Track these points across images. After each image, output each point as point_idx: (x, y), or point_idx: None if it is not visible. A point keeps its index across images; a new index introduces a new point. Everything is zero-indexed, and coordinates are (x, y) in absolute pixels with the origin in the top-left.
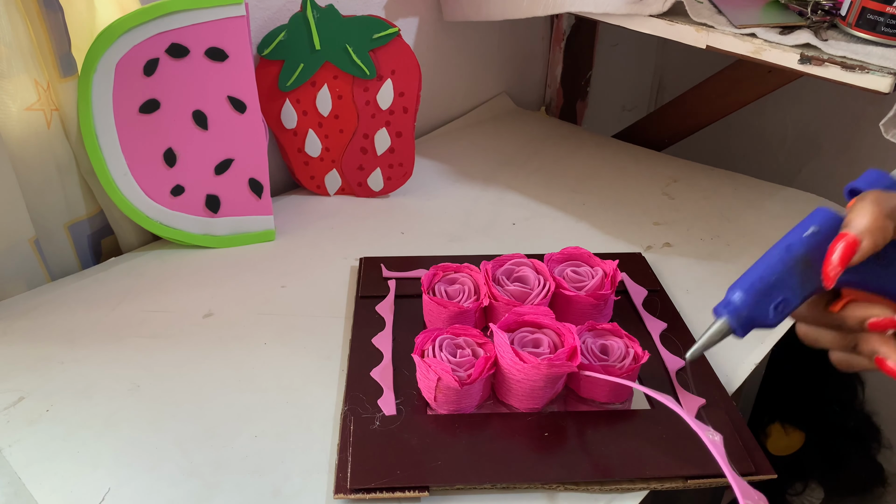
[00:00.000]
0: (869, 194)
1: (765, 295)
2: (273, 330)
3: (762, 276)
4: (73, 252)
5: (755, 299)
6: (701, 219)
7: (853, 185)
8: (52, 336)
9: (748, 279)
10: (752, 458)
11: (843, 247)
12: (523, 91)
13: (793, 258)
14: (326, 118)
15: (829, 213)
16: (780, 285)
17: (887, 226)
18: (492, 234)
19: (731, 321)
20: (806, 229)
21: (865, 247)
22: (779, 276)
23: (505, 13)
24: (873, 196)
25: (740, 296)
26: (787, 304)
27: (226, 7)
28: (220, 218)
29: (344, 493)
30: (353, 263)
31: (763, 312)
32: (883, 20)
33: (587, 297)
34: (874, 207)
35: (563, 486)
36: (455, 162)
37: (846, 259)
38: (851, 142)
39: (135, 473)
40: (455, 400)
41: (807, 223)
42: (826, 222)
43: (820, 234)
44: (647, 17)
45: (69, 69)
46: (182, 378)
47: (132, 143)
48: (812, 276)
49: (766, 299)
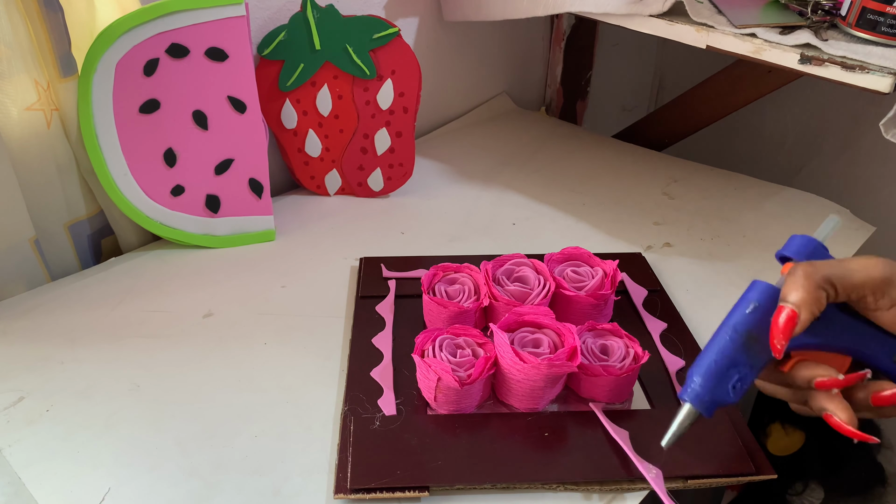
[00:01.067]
0: (799, 267)
1: (721, 377)
2: (273, 330)
3: (716, 360)
4: (73, 252)
5: (713, 383)
6: (701, 219)
7: (781, 252)
8: (52, 336)
9: (703, 363)
10: (752, 458)
11: (784, 321)
12: (523, 91)
13: (740, 337)
14: (326, 118)
15: (765, 287)
16: (733, 365)
17: (820, 296)
18: (492, 234)
19: (697, 406)
20: (747, 305)
21: (804, 319)
22: (730, 357)
23: (505, 13)
24: (803, 269)
25: (699, 381)
26: (744, 380)
27: (226, 7)
28: (220, 218)
29: (344, 493)
30: (353, 263)
31: (723, 392)
32: (883, 20)
33: (587, 297)
34: (806, 281)
35: (563, 486)
36: (455, 162)
37: (788, 332)
38: (851, 142)
39: (135, 473)
40: (455, 400)
41: (746, 298)
42: (764, 296)
43: (760, 309)
44: (647, 17)
45: (69, 69)
46: (182, 378)
47: (132, 143)
48: (760, 349)
49: (724, 380)
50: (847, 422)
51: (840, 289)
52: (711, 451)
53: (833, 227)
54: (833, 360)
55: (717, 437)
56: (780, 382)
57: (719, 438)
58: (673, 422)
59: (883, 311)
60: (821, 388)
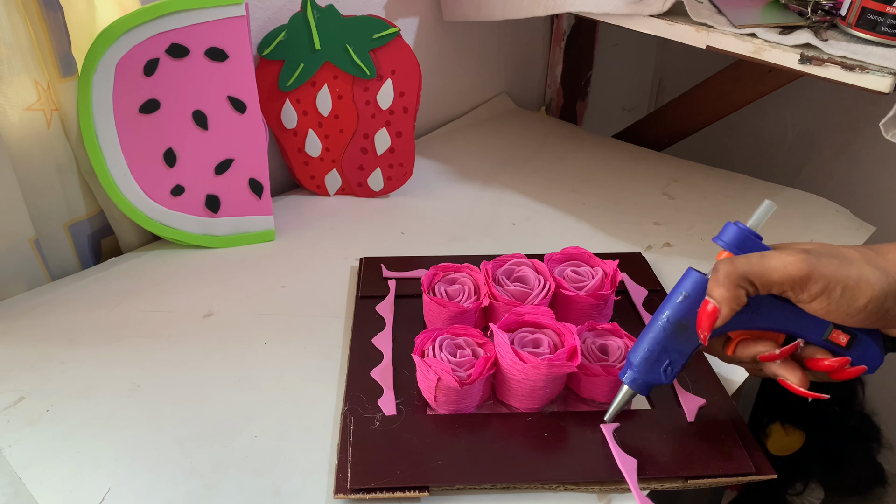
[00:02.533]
0: (721, 264)
1: (654, 362)
2: (273, 330)
3: (649, 347)
4: (73, 252)
5: (646, 367)
6: (701, 219)
7: (717, 237)
8: (52, 336)
9: (638, 349)
10: (752, 458)
11: (706, 316)
12: (523, 91)
13: (671, 325)
14: (326, 118)
15: (697, 277)
16: (664, 350)
17: (739, 294)
18: (492, 234)
19: (632, 387)
20: (678, 295)
21: (724, 314)
22: (661, 344)
23: (505, 13)
24: (724, 268)
25: (635, 367)
26: (675, 364)
27: (226, 7)
28: (220, 218)
29: (344, 493)
30: (353, 263)
31: (656, 375)
32: (883, 20)
33: (587, 297)
34: (725, 280)
35: (563, 486)
36: (455, 162)
37: (710, 325)
38: (851, 142)
39: (135, 473)
40: (455, 400)
41: (679, 287)
42: (694, 286)
43: (689, 299)
44: (647, 17)
45: (69, 69)
46: (182, 378)
47: (132, 143)
48: (690, 335)
49: (656, 364)
50: (798, 384)
51: (759, 286)
52: (711, 451)
53: (766, 211)
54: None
55: (717, 437)
56: (730, 361)
57: (719, 438)
58: (614, 400)
59: (805, 304)
60: (765, 361)
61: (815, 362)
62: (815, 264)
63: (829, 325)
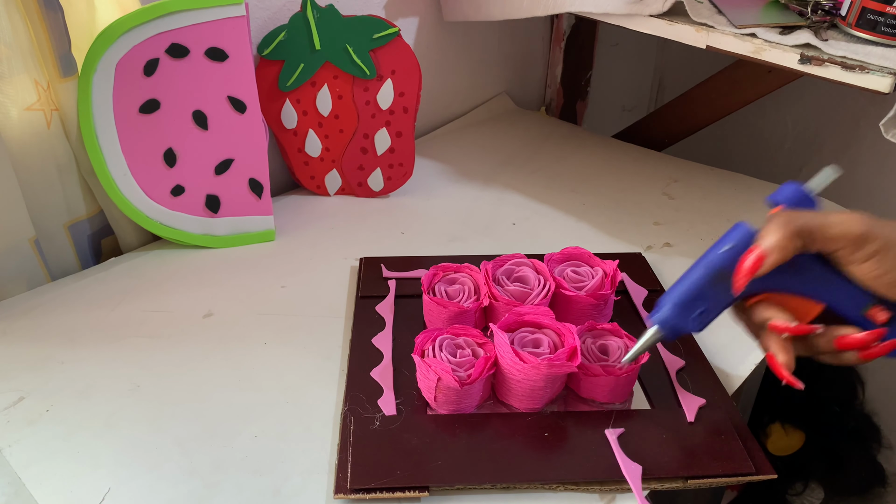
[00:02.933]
0: (780, 215)
1: (687, 307)
2: (273, 330)
3: (686, 290)
4: (73, 252)
5: (679, 311)
6: (701, 219)
7: (772, 196)
8: (52, 336)
9: (674, 292)
10: (753, 458)
11: (751, 262)
12: (523, 91)
13: (711, 273)
14: (326, 118)
15: (745, 229)
16: (700, 297)
17: (792, 244)
18: (492, 234)
19: (662, 329)
20: (724, 245)
21: (770, 262)
22: (699, 289)
23: (505, 13)
24: (783, 217)
25: (667, 308)
26: (708, 313)
27: (226, 7)
28: (220, 218)
29: (344, 493)
30: (353, 263)
31: (687, 320)
32: (883, 20)
33: (587, 297)
34: (783, 227)
35: (563, 486)
36: (455, 162)
37: (753, 271)
38: (851, 142)
39: (135, 473)
40: (455, 400)
41: (726, 238)
42: (741, 238)
43: (735, 249)
44: (647, 17)
45: (69, 69)
46: (182, 378)
47: (132, 143)
48: (727, 287)
49: (689, 310)
50: (784, 364)
51: (817, 239)
52: (711, 451)
53: (828, 177)
54: (804, 304)
55: (717, 437)
56: (742, 315)
57: (719, 438)
58: (638, 341)
59: (856, 265)
60: (773, 330)
61: (845, 339)
62: (873, 224)
63: (870, 300)
